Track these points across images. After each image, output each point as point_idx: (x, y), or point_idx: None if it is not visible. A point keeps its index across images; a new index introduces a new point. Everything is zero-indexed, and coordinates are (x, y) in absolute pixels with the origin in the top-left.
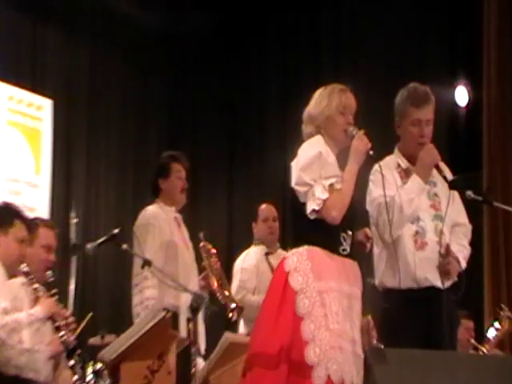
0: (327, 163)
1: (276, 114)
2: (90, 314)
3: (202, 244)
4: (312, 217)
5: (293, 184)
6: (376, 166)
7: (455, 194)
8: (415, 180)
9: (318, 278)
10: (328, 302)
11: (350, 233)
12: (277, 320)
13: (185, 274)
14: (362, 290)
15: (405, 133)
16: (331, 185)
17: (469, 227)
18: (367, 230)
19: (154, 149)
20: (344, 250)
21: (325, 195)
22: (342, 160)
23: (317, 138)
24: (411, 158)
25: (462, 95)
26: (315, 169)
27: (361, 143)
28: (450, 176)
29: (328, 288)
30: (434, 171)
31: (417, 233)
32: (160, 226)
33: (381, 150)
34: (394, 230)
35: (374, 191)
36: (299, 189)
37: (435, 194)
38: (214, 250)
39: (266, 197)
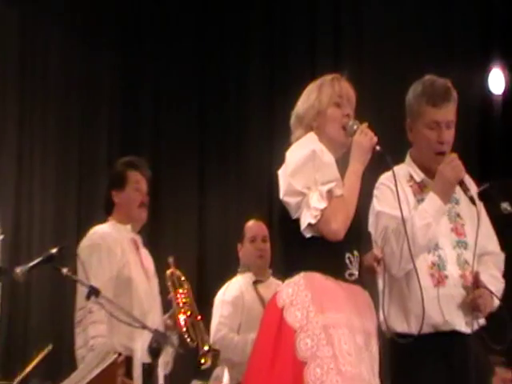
0: (323, 164)
1: (261, 106)
2: (49, 347)
3: (169, 271)
4: (308, 234)
5: (281, 195)
6: (382, 178)
7: (482, 212)
8: (433, 200)
9: (321, 311)
10: (336, 339)
11: (356, 253)
12: (272, 368)
13: (142, 307)
14: (376, 325)
15: (419, 138)
16: (330, 191)
17: (501, 256)
18: (376, 251)
19: (105, 143)
20: (351, 274)
21: (322, 204)
22: (344, 166)
23: (308, 136)
24: (427, 169)
25: (496, 80)
26: (308, 173)
27: (364, 138)
28: (470, 194)
29: (335, 322)
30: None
31: (434, 264)
32: (109, 247)
33: (394, 153)
34: (404, 262)
35: (381, 212)
36: (290, 200)
37: (457, 215)
38: (183, 279)
39: (247, 212)
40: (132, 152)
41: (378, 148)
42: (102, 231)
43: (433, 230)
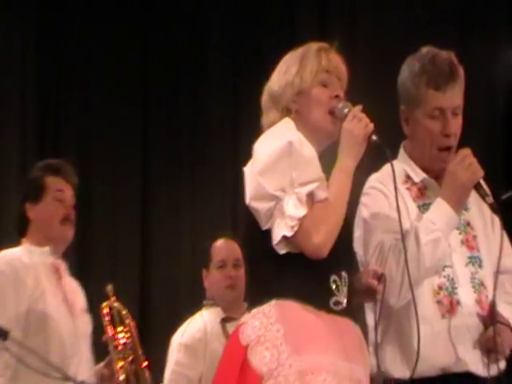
0: (302, 160)
1: (222, 92)
2: None
3: (105, 304)
4: (282, 250)
5: (247, 200)
6: (372, 180)
7: (495, 221)
8: (442, 208)
9: (297, 351)
10: None
11: (345, 275)
12: None
13: (64, 352)
14: (369, 370)
15: (418, 131)
16: (310, 194)
17: None
18: (374, 266)
19: (14, 143)
20: (337, 303)
21: (301, 211)
22: (331, 161)
23: (283, 121)
24: (427, 169)
25: None
26: (283, 171)
27: (357, 124)
28: (490, 200)
29: (314, 366)
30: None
31: (441, 288)
32: (17, 276)
33: (393, 147)
34: (406, 289)
35: (372, 224)
36: (258, 206)
37: (468, 224)
38: (125, 313)
39: (206, 229)
40: (53, 155)
41: (374, 138)
42: (10, 256)
43: (443, 248)
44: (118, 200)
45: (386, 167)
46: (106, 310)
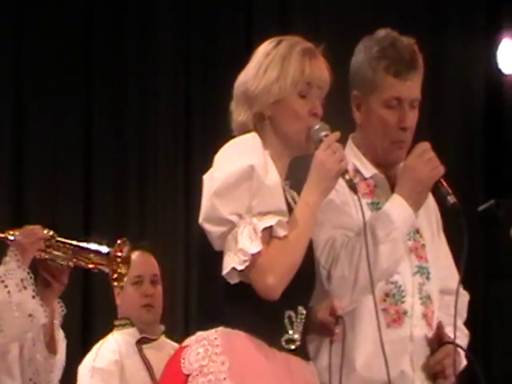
0: (264, 188)
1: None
2: None
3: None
4: (232, 280)
5: (200, 219)
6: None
7: (440, 225)
8: (400, 206)
9: None
10: None
11: (302, 311)
12: None
13: None
14: None
15: (371, 118)
16: (267, 228)
17: (466, 297)
18: (335, 303)
19: None
20: (290, 341)
21: (255, 247)
22: (302, 172)
23: (249, 137)
24: (377, 162)
25: (507, 55)
26: (241, 196)
27: (330, 157)
28: (453, 199)
29: None
30: None
31: (387, 295)
32: None
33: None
34: (358, 291)
35: (322, 227)
36: (210, 228)
37: (417, 231)
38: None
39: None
40: None
41: (347, 177)
42: None
43: (400, 249)
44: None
45: None
46: None
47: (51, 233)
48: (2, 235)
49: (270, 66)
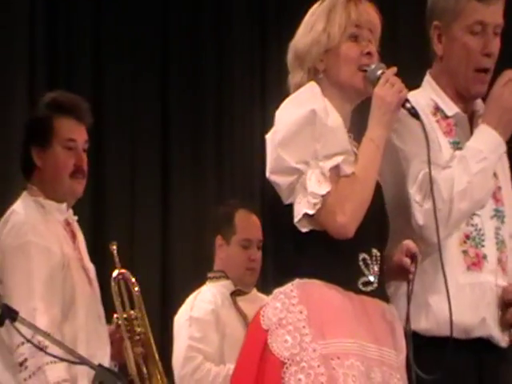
0: (327, 130)
1: (248, 48)
2: None
3: (117, 273)
4: (304, 228)
5: (268, 172)
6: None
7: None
8: (488, 134)
9: (322, 335)
10: (342, 375)
11: (377, 253)
12: None
13: (87, 332)
14: (404, 354)
15: (454, 47)
16: (335, 168)
17: None
18: (409, 242)
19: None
20: (367, 283)
21: (324, 188)
22: (359, 124)
23: (308, 87)
24: (459, 98)
25: None
26: (306, 142)
27: (389, 90)
28: None
29: (340, 350)
30: None
31: (468, 238)
32: (47, 246)
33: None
34: (453, 221)
35: (407, 151)
36: (279, 180)
37: (494, 174)
38: (136, 290)
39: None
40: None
41: (408, 105)
42: (28, 217)
43: (490, 180)
44: (137, 160)
45: (411, 94)
46: (115, 282)
47: None
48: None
49: (315, 22)
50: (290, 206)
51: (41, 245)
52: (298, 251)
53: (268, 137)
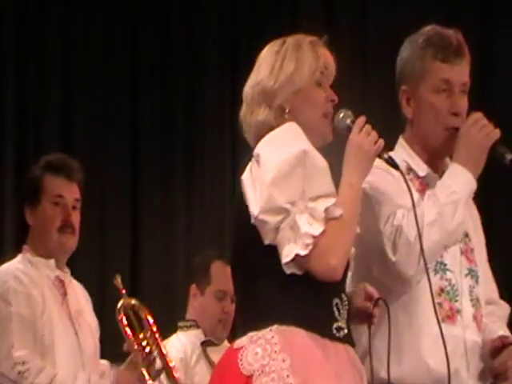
0: (316, 171)
1: (212, 94)
2: None
3: (120, 305)
4: (288, 270)
5: (256, 212)
6: (377, 163)
7: (483, 244)
8: (458, 172)
9: None
10: None
11: (344, 298)
12: None
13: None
14: None
15: (422, 108)
16: (326, 210)
17: (508, 310)
18: (367, 285)
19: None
20: (339, 328)
21: (317, 229)
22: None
23: (292, 127)
24: (431, 158)
25: None
26: (296, 182)
27: (366, 139)
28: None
29: None
30: None
31: (442, 291)
32: (28, 292)
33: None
34: (422, 259)
35: (380, 196)
36: (268, 219)
37: (466, 235)
38: (146, 313)
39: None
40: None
41: (385, 156)
42: (11, 269)
43: (462, 212)
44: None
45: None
46: (121, 315)
47: None
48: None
49: (285, 60)
50: (268, 248)
51: (20, 291)
52: (276, 295)
53: (244, 178)
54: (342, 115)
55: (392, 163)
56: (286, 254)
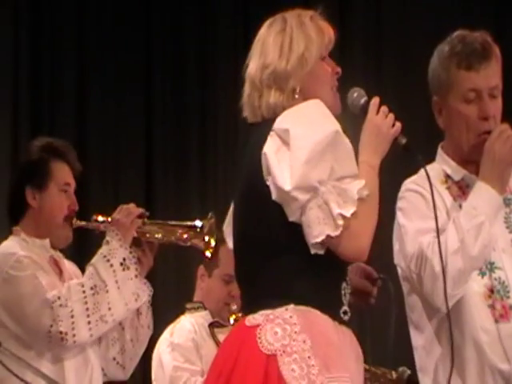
0: (346, 152)
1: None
2: None
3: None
4: (314, 250)
5: (288, 187)
6: (407, 183)
7: None
8: (483, 190)
9: (327, 368)
10: None
11: (349, 282)
12: None
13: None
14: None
15: (453, 118)
16: (357, 191)
17: None
18: (362, 265)
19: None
20: (345, 312)
21: (349, 210)
22: None
23: (316, 105)
24: (468, 163)
25: None
26: (327, 161)
27: (384, 121)
28: None
29: None
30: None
31: (492, 292)
32: (32, 274)
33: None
34: (453, 285)
35: (409, 227)
36: (300, 196)
37: None
38: None
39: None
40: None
41: (403, 140)
42: (11, 248)
43: (487, 233)
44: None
45: (422, 171)
46: None
47: (142, 210)
48: (101, 219)
49: (293, 40)
50: (290, 225)
51: (24, 275)
52: (295, 274)
53: (266, 151)
54: (356, 94)
55: (408, 148)
56: (316, 235)
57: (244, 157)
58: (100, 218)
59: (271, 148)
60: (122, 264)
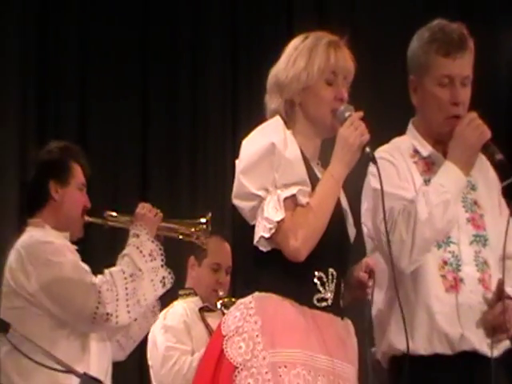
0: (285, 161)
1: (219, 73)
2: None
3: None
4: (264, 248)
5: (232, 197)
6: (380, 151)
7: (503, 205)
8: (450, 171)
9: (271, 344)
10: (287, 382)
11: (333, 273)
12: None
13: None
14: (357, 367)
15: (426, 99)
16: (292, 197)
17: None
18: (368, 260)
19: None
20: (322, 299)
21: (278, 215)
22: (327, 155)
23: (273, 121)
24: (436, 142)
25: None
26: (265, 171)
27: (352, 132)
28: (500, 156)
29: (288, 359)
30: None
31: (446, 263)
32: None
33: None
34: (416, 252)
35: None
36: (242, 204)
37: (475, 203)
38: None
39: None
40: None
41: (367, 149)
42: (42, 237)
43: (452, 210)
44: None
45: (394, 141)
46: None
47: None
48: (124, 218)
49: (298, 57)
50: (253, 226)
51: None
52: (258, 268)
53: (237, 162)
54: (342, 108)
55: (372, 159)
56: (255, 236)
57: None
58: (113, 214)
59: (237, 161)
60: (150, 255)
